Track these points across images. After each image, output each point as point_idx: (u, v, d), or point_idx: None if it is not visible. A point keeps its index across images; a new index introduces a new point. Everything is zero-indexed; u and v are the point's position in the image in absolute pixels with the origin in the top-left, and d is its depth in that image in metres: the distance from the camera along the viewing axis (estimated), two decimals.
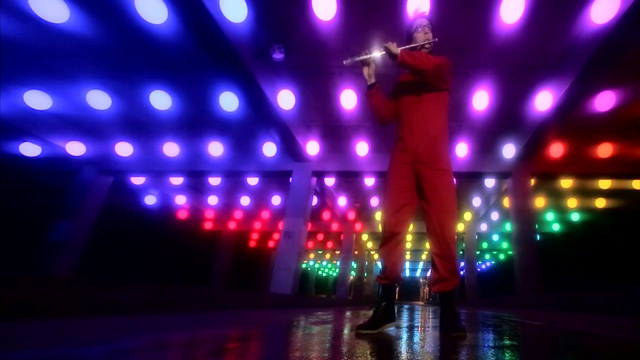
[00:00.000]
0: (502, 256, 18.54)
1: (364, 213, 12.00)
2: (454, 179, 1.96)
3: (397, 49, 1.89)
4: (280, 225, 8.63)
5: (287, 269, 6.50)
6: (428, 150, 1.93)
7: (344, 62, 1.99)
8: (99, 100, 5.66)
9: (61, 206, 7.36)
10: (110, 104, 5.83)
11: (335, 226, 12.77)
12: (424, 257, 20.62)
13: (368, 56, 1.99)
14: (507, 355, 1.17)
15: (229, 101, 5.48)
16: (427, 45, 2.05)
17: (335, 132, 6.83)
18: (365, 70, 2.04)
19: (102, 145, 7.40)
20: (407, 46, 2.01)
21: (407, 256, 19.90)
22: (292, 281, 6.40)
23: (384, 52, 1.93)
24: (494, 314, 4.81)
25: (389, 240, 1.93)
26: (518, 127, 6.34)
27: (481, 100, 5.40)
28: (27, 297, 1.83)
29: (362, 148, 6.84)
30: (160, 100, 5.59)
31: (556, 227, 12.17)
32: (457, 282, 1.84)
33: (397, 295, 15.89)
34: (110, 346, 1.13)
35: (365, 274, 18.30)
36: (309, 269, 24.01)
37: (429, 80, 1.94)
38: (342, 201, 10.21)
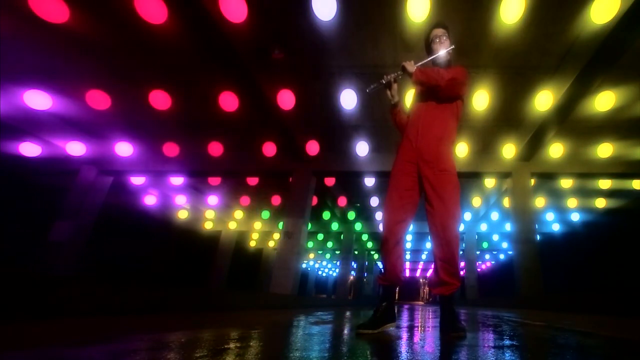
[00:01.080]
0: (502, 256, 18.53)
1: (364, 213, 11.99)
2: (458, 181, 1.95)
3: (412, 68, 1.98)
4: (280, 225, 8.62)
5: (287, 269, 6.49)
6: (431, 150, 1.94)
7: (367, 91, 2.12)
8: (98, 100, 5.66)
9: (61, 206, 7.36)
10: (110, 104, 5.83)
11: (335, 226, 12.77)
12: (424, 257, 20.61)
13: (388, 80, 2.09)
14: (507, 355, 1.17)
15: (229, 101, 5.47)
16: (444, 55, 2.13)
17: (335, 132, 6.83)
18: (388, 93, 2.15)
19: (102, 145, 7.40)
20: (425, 60, 2.10)
21: (407, 256, 19.89)
22: (292, 281, 6.39)
23: (401, 72, 2.03)
24: (494, 314, 4.81)
25: (388, 241, 1.91)
26: (518, 127, 6.34)
27: (481, 100, 5.40)
28: (26, 297, 1.83)
29: (362, 148, 6.84)
30: (160, 100, 5.59)
31: (556, 227, 12.16)
32: (458, 285, 1.83)
33: (397, 295, 15.89)
34: (110, 346, 1.13)
35: (365, 274, 18.29)
36: (309, 269, 23.99)
37: (442, 95, 2.00)
38: (342, 201, 10.20)
